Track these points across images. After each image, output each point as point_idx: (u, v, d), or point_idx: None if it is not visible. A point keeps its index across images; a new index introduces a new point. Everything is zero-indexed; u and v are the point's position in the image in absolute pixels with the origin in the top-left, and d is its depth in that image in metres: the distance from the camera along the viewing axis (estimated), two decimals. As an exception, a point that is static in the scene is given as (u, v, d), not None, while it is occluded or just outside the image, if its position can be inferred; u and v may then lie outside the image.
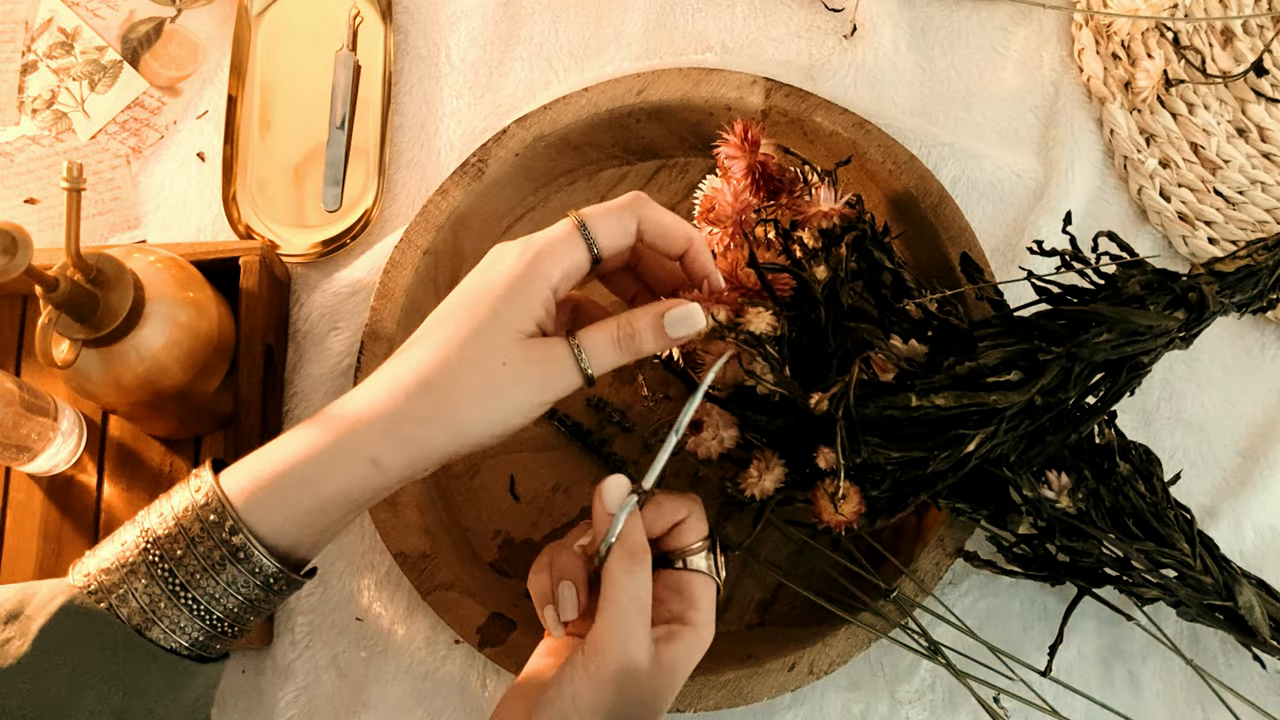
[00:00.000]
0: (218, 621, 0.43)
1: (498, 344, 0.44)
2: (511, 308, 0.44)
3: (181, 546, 0.42)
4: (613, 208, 0.47)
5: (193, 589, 0.42)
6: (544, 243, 0.45)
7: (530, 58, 0.70)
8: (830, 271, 0.53)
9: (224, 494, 0.42)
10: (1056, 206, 0.65)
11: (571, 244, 0.45)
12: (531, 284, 0.44)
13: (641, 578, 0.44)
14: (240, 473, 0.43)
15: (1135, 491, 0.53)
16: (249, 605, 0.43)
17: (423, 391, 0.43)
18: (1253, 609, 0.53)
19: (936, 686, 0.58)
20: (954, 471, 0.51)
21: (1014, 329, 0.51)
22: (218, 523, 0.42)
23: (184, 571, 0.42)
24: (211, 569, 0.42)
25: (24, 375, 0.63)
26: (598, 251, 0.46)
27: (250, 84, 0.69)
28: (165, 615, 0.42)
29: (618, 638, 0.43)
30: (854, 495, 0.50)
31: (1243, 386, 0.63)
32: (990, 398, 0.49)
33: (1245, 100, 0.67)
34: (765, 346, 0.50)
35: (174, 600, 0.42)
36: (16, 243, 0.46)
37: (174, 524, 0.42)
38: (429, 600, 0.56)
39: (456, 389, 0.43)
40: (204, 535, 0.42)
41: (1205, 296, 0.49)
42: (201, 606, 0.42)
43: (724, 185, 0.54)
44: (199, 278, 0.59)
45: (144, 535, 0.42)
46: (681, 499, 0.48)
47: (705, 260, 0.49)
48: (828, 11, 0.71)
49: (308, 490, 0.43)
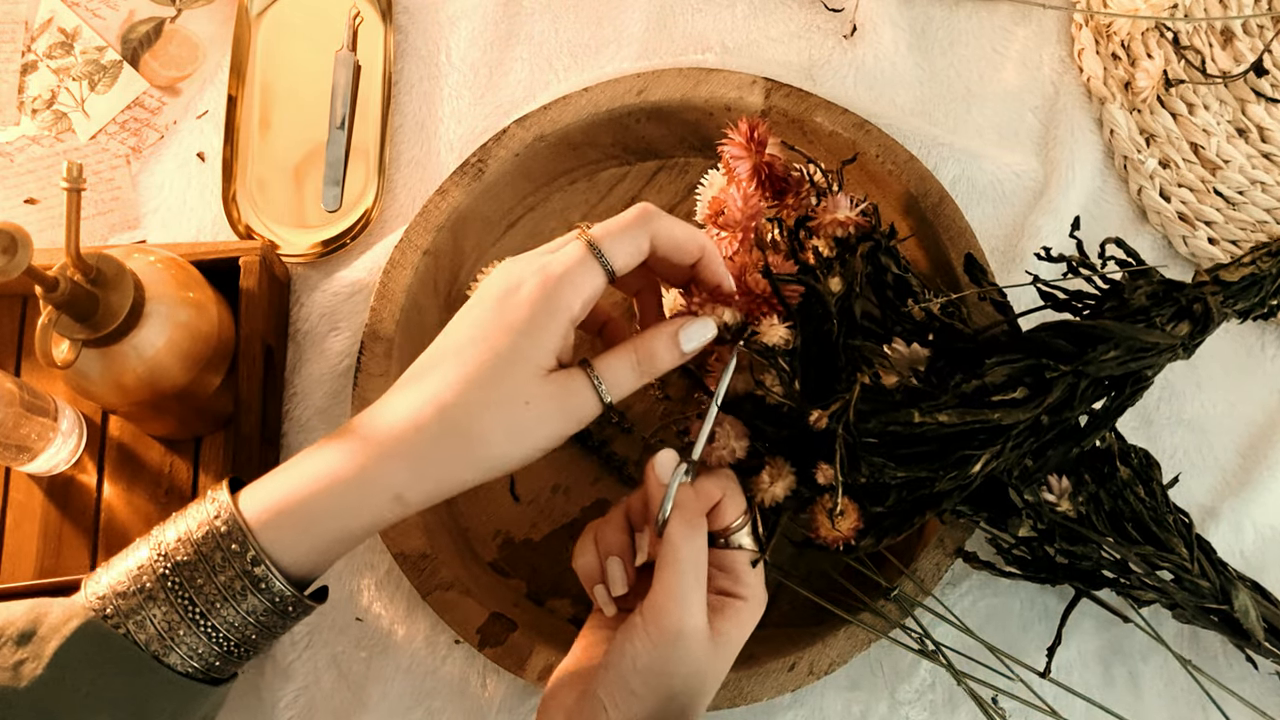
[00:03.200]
0: (235, 647, 0.43)
1: (520, 383, 0.43)
2: (532, 344, 0.43)
3: (202, 575, 0.42)
4: (625, 226, 0.46)
5: (212, 617, 0.42)
6: (563, 271, 0.44)
7: (530, 58, 0.70)
8: (845, 284, 0.52)
9: (245, 522, 0.42)
10: (1056, 207, 0.65)
11: (588, 270, 0.44)
12: (553, 319, 0.44)
13: (699, 542, 0.45)
14: (261, 496, 0.43)
15: (1135, 496, 0.53)
16: (265, 631, 0.44)
17: (447, 432, 0.43)
18: (1248, 612, 0.53)
19: (936, 686, 0.58)
20: (960, 491, 0.51)
21: (1020, 345, 0.51)
22: (239, 553, 0.42)
23: (203, 600, 0.42)
24: (232, 598, 0.42)
25: (24, 375, 0.63)
26: (613, 272, 0.45)
27: (250, 84, 0.69)
28: (184, 642, 0.42)
29: (677, 600, 0.44)
30: (852, 512, 0.50)
31: (1243, 386, 0.63)
32: (995, 415, 0.48)
33: (1245, 100, 0.67)
34: (778, 358, 0.50)
35: (193, 628, 0.42)
36: (16, 243, 0.46)
37: (194, 551, 0.42)
38: (429, 600, 0.56)
39: (481, 430, 0.43)
40: (225, 564, 0.42)
41: (1210, 309, 0.49)
42: (220, 634, 0.42)
43: (734, 190, 0.53)
44: (199, 278, 0.59)
45: (162, 559, 0.42)
46: (716, 478, 0.49)
47: (717, 266, 0.48)
48: (828, 11, 0.71)
49: (332, 524, 0.43)
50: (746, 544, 0.48)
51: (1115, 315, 0.50)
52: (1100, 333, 0.49)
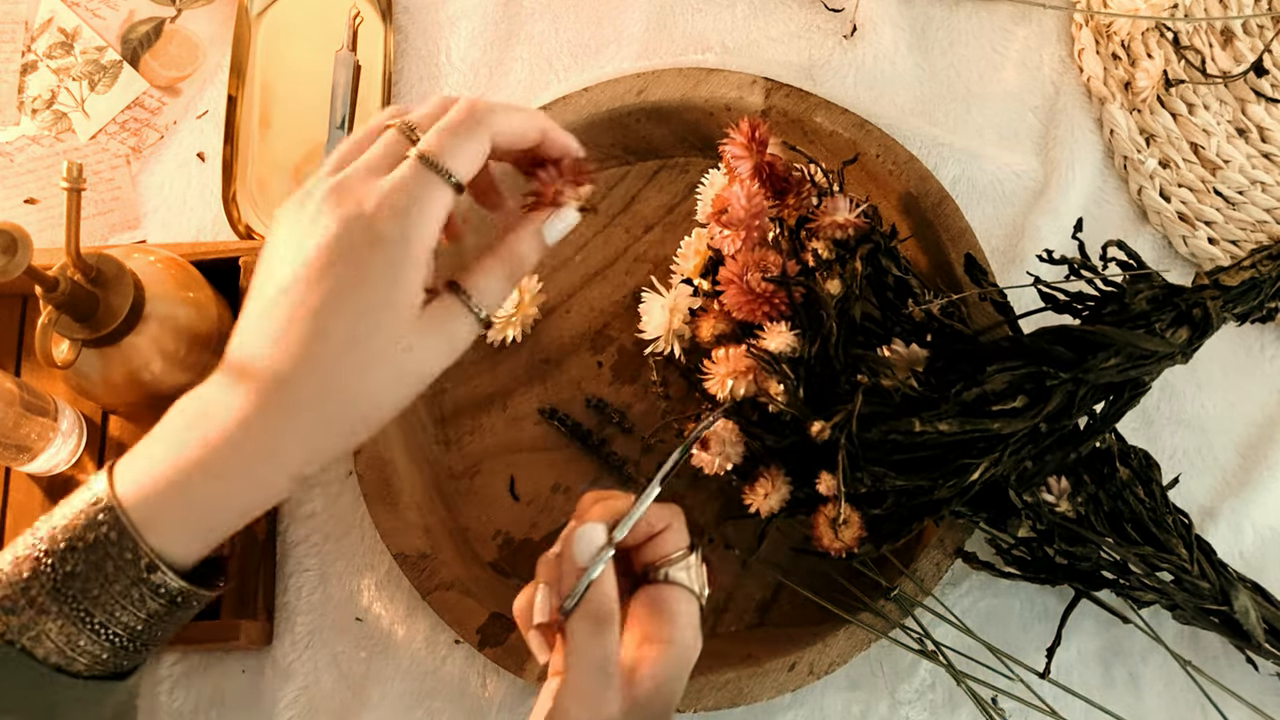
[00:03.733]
0: (138, 644, 0.41)
1: (396, 331, 0.40)
2: (399, 288, 0.40)
3: (97, 586, 0.39)
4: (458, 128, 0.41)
5: (112, 625, 0.40)
6: (409, 201, 0.40)
7: (530, 58, 0.70)
8: (844, 287, 0.52)
9: (134, 525, 0.39)
10: (1056, 207, 0.65)
11: (434, 190, 0.40)
12: (413, 256, 0.40)
13: (606, 640, 0.41)
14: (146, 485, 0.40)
15: (1134, 496, 0.53)
16: (166, 624, 0.42)
17: (328, 399, 0.40)
18: (1248, 613, 0.53)
19: (936, 686, 0.58)
20: (959, 498, 0.51)
21: (1020, 351, 0.51)
22: (133, 560, 0.39)
23: (101, 610, 0.39)
24: (131, 605, 0.40)
25: (24, 375, 0.63)
26: (459, 184, 0.41)
27: (250, 84, 0.69)
28: (86, 651, 0.40)
29: (583, 706, 0.41)
30: (854, 521, 0.50)
31: (1243, 386, 0.63)
32: (994, 425, 0.48)
33: (1245, 100, 0.67)
34: (782, 365, 0.50)
35: (94, 637, 0.40)
36: (16, 243, 0.46)
37: (83, 560, 0.39)
38: (429, 600, 0.56)
39: (366, 390, 0.40)
40: (118, 574, 0.39)
41: (1210, 314, 0.49)
42: (122, 637, 0.41)
43: (737, 188, 0.53)
44: (199, 278, 0.59)
45: (51, 570, 0.39)
46: (664, 509, 0.46)
47: (558, 135, 0.45)
48: (828, 11, 0.71)
49: (226, 513, 0.41)
50: (682, 580, 0.45)
51: (1115, 320, 0.50)
52: (1100, 339, 0.49)
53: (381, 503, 0.58)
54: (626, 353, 0.63)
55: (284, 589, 0.60)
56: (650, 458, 0.61)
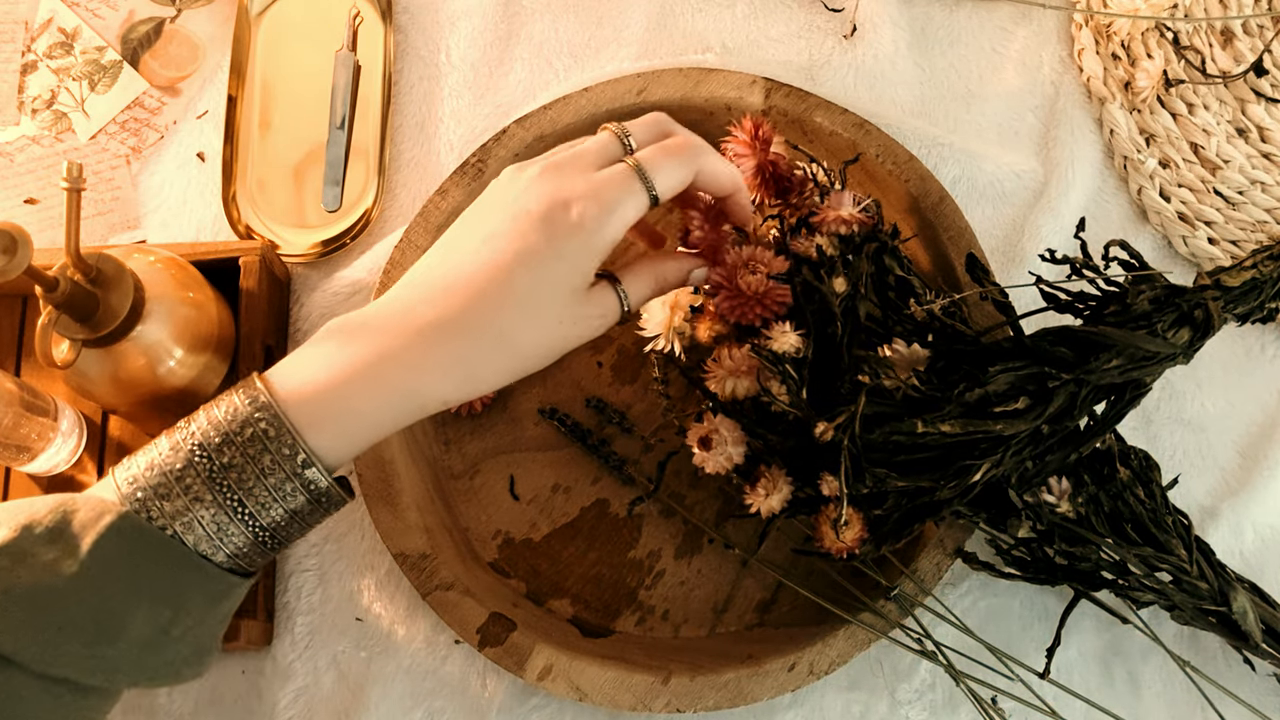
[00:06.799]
0: (274, 542, 0.44)
1: (561, 306, 0.45)
2: (577, 271, 0.45)
3: (252, 478, 0.42)
4: (673, 154, 0.47)
5: (261, 517, 0.43)
6: (615, 197, 0.45)
7: (530, 58, 0.70)
8: (849, 285, 0.52)
9: (293, 424, 0.42)
10: (1056, 206, 0.65)
11: (636, 196, 0.45)
12: (600, 245, 0.45)
13: None
14: (305, 393, 0.43)
15: (1134, 497, 0.53)
16: (303, 525, 0.45)
17: (489, 338, 0.44)
18: (1246, 614, 0.53)
19: (936, 686, 0.58)
20: (960, 499, 0.51)
21: (1022, 352, 0.51)
22: (290, 456, 0.42)
23: (254, 502, 0.42)
24: (282, 499, 0.43)
25: (24, 375, 0.63)
26: (656, 199, 0.46)
27: (250, 84, 0.69)
28: (232, 541, 0.43)
29: None
30: (857, 522, 0.50)
31: (1243, 386, 0.63)
32: (997, 426, 0.48)
33: (1245, 100, 0.67)
34: (786, 366, 0.50)
35: (242, 527, 0.43)
36: (16, 243, 0.46)
37: (240, 454, 0.42)
38: (429, 600, 0.56)
39: (520, 344, 0.45)
40: (275, 467, 0.42)
41: (1212, 315, 0.49)
42: (267, 531, 0.43)
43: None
44: (199, 278, 0.59)
45: (207, 461, 0.42)
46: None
47: (745, 207, 0.51)
48: (828, 11, 0.71)
49: (378, 423, 0.44)
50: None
51: (1117, 320, 0.50)
52: (1102, 340, 0.49)
53: (381, 503, 0.58)
54: (626, 353, 0.63)
55: (284, 589, 0.60)
56: (650, 457, 0.61)
